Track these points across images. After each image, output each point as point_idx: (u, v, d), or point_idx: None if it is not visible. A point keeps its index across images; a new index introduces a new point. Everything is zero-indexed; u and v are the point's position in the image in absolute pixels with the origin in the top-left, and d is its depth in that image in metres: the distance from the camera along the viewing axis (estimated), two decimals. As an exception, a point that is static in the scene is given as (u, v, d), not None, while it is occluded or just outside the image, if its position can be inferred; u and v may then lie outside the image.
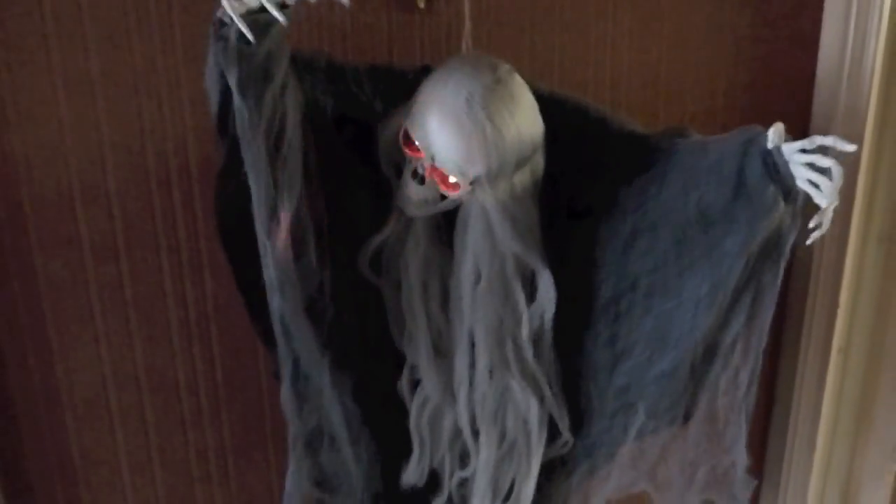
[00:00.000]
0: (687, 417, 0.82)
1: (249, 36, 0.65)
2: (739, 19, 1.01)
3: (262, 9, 0.66)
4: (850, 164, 1.02)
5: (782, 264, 0.75)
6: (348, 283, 0.82)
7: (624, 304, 0.81)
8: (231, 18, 0.65)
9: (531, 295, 0.81)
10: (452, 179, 0.76)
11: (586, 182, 0.83)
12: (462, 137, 0.73)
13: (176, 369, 1.00)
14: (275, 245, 0.73)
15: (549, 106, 0.79)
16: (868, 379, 1.15)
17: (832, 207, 0.70)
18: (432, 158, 0.75)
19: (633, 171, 0.81)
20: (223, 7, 0.65)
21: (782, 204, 0.70)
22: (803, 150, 0.70)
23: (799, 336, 1.13)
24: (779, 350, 1.17)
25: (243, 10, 0.65)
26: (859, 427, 1.18)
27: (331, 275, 0.79)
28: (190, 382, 1.01)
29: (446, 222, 0.82)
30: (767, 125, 0.72)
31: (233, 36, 0.66)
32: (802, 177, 0.69)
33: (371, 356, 0.85)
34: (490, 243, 0.79)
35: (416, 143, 0.76)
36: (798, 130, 1.03)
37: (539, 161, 0.79)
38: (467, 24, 0.89)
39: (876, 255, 1.10)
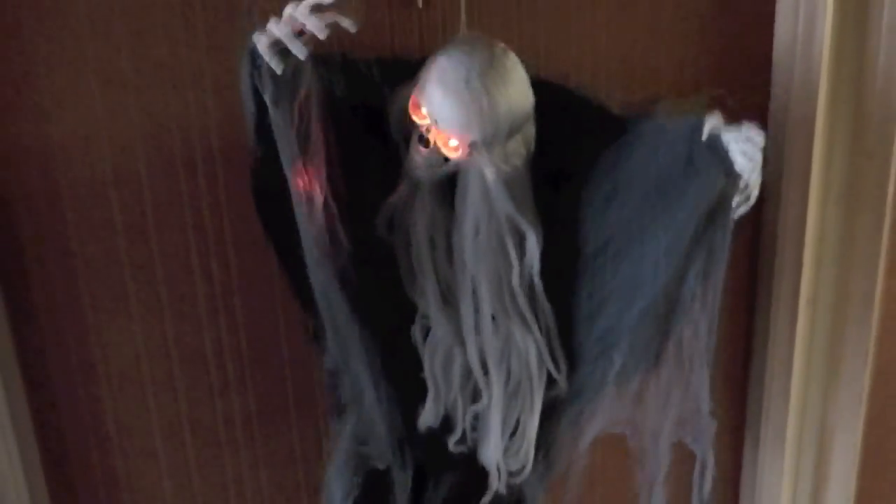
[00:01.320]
0: (656, 362, 0.93)
1: (277, 70, 0.78)
2: (704, 6, 1.12)
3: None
4: (806, 129, 1.14)
5: (728, 228, 0.87)
6: (366, 245, 0.91)
7: (599, 262, 0.92)
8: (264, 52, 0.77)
9: (523, 250, 0.91)
10: (453, 142, 0.86)
11: (570, 152, 0.94)
12: (462, 106, 0.84)
13: (203, 341, 1.07)
14: (310, 208, 0.83)
15: (537, 87, 0.90)
16: (835, 327, 1.25)
17: (758, 184, 0.84)
18: (436, 123, 0.86)
19: (607, 145, 0.93)
20: (255, 42, 0.78)
21: (724, 179, 0.83)
22: (737, 139, 0.83)
23: (770, 291, 1.23)
24: (752, 306, 1.27)
25: (272, 40, 0.77)
26: (829, 374, 1.28)
27: (351, 240, 0.88)
28: (217, 353, 1.08)
29: (449, 185, 0.91)
30: (731, 100, 0.86)
31: (265, 65, 0.78)
32: (737, 160, 0.83)
33: (387, 310, 0.93)
34: (487, 203, 0.89)
35: (423, 110, 0.86)
36: (759, 104, 1.15)
37: (530, 130, 0.90)
38: (463, 17, 0.99)
39: (835, 215, 1.21)
